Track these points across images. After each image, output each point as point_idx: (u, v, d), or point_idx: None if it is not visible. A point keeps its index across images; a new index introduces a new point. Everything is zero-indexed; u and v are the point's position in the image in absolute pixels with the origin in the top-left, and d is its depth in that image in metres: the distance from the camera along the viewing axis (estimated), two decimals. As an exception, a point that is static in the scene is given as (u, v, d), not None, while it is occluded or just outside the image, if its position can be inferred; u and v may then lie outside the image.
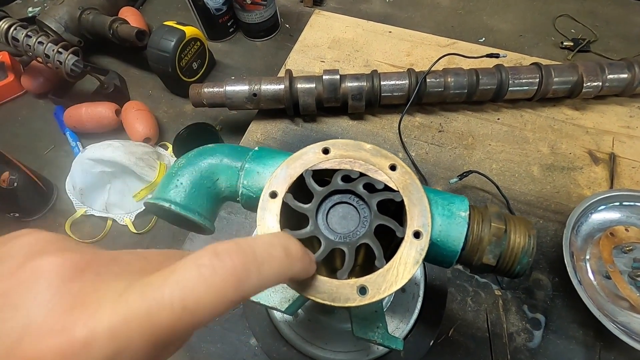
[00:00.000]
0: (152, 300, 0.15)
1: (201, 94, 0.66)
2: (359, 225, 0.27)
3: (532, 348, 0.50)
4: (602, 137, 0.66)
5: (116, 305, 0.14)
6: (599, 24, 0.84)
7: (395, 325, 0.48)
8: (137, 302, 0.14)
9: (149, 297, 0.15)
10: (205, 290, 0.15)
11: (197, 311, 0.15)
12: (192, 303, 0.15)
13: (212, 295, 0.16)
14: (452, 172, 0.64)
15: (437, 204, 0.29)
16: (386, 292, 0.24)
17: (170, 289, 0.15)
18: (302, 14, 0.91)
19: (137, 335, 0.14)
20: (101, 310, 0.14)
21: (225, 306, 0.16)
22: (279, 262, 0.19)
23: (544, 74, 0.64)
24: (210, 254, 0.17)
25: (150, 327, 0.14)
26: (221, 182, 0.32)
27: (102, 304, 0.14)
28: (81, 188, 0.64)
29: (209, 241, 0.60)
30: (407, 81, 0.65)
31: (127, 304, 0.14)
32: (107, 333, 0.14)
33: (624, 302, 0.49)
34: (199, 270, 0.16)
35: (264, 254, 0.18)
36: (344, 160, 0.29)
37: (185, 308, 0.15)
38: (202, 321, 0.16)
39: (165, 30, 0.71)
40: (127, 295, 0.15)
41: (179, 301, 0.15)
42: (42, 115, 0.80)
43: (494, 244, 0.28)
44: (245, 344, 0.52)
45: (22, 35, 0.68)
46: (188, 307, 0.15)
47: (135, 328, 0.14)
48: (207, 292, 0.16)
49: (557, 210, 0.60)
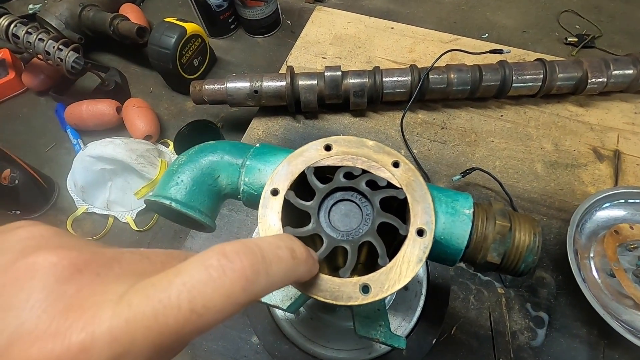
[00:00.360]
0: (157, 302, 0.14)
1: (202, 90, 0.66)
2: (362, 223, 0.26)
3: (535, 346, 0.50)
4: (607, 133, 0.66)
5: (117, 307, 0.14)
6: (603, 20, 0.83)
7: (398, 323, 0.48)
8: (142, 304, 0.14)
9: (155, 299, 0.14)
10: (213, 292, 0.15)
11: (206, 314, 0.15)
12: (201, 305, 0.14)
13: (221, 297, 0.15)
14: (455, 169, 0.63)
15: (440, 201, 0.29)
16: (389, 291, 0.24)
17: (177, 290, 0.14)
18: (303, 10, 0.91)
19: (141, 338, 0.13)
20: (101, 312, 0.13)
21: (233, 309, 0.15)
22: (285, 263, 0.18)
23: (548, 70, 0.64)
24: (218, 254, 0.16)
25: (156, 330, 0.14)
26: (222, 179, 0.32)
27: (102, 306, 0.14)
28: (82, 185, 0.64)
29: (210, 239, 0.59)
30: (410, 78, 0.65)
31: (129, 306, 0.14)
32: (107, 337, 0.13)
33: (629, 300, 0.49)
34: (208, 272, 0.15)
35: (272, 256, 0.18)
36: (346, 157, 0.28)
37: (193, 310, 0.14)
38: (210, 324, 0.15)
39: (166, 27, 0.70)
40: (130, 297, 0.14)
41: (186, 303, 0.14)
42: (43, 112, 0.80)
43: (498, 242, 0.28)
44: (246, 341, 0.52)
45: (22, 32, 0.68)
46: (196, 310, 0.14)
47: (139, 331, 0.13)
48: (216, 294, 0.15)
49: (561, 208, 0.59)
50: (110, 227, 0.65)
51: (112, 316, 0.13)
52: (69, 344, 0.13)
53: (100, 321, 0.13)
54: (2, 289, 0.14)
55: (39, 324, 0.13)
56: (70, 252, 0.15)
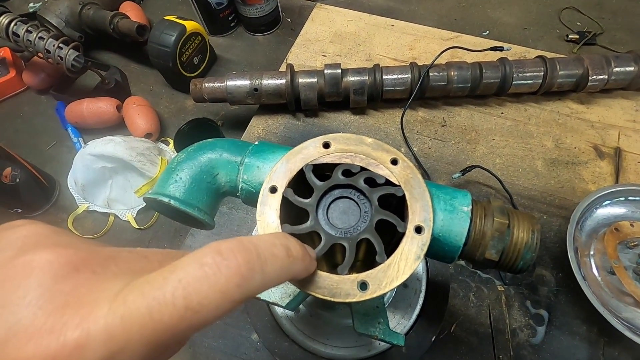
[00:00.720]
0: (153, 300, 0.14)
1: (202, 89, 0.66)
2: (360, 220, 0.26)
3: (535, 344, 0.50)
4: (608, 131, 0.65)
5: (113, 304, 0.14)
6: (605, 16, 0.82)
7: (397, 321, 0.48)
8: (137, 302, 0.14)
9: (150, 296, 0.14)
10: (209, 289, 0.15)
11: (201, 311, 0.15)
12: (196, 302, 0.15)
13: (216, 294, 0.15)
14: (455, 167, 0.63)
15: (439, 198, 0.29)
16: (387, 288, 0.24)
17: (172, 288, 0.14)
18: (303, 8, 0.90)
19: (136, 335, 0.13)
20: (96, 310, 0.13)
21: (229, 306, 0.16)
22: (281, 261, 0.19)
23: (549, 67, 0.63)
24: (213, 252, 0.16)
25: (151, 327, 0.14)
26: (221, 176, 0.32)
27: (98, 304, 0.14)
28: (83, 184, 0.64)
29: (211, 237, 0.59)
30: (410, 75, 0.65)
31: (125, 303, 0.14)
32: (103, 334, 0.13)
33: (629, 297, 0.49)
34: (203, 269, 0.15)
35: (267, 253, 0.18)
36: (344, 154, 0.28)
37: (189, 307, 0.14)
38: (206, 321, 0.15)
39: (166, 25, 0.70)
40: (125, 295, 0.14)
41: (181, 300, 0.14)
42: (43, 111, 0.80)
43: (496, 239, 0.28)
44: (246, 339, 0.52)
45: (22, 30, 0.68)
46: (191, 307, 0.14)
47: (134, 328, 0.13)
48: (211, 291, 0.15)
49: (561, 206, 0.59)
50: (111, 226, 0.66)
51: (107, 314, 0.13)
52: (64, 341, 0.13)
53: (95, 319, 0.13)
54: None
55: (34, 321, 0.13)
56: (67, 251, 0.15)
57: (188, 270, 0.15)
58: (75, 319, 0.13)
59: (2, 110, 0.81)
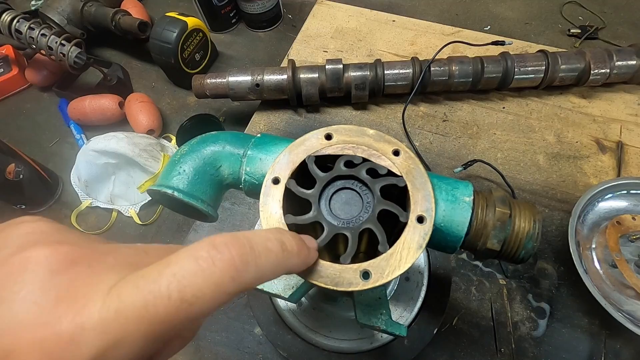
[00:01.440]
0: (148, 293, 0.14)
1: (204, 85, 0.66)
2: (362, 211, 0.27)
3: (536, 337, 0.50)
4: (610, 125, 0.65)
5: (107, 298, 0.14)
6: (607, 11, 0.82)
7: (399, 314, 0.48)
8: (132, 295, 0.14)
9: (145, 289, 0.14)
10: (203, 282, 0.15)
11: (196, 303, 0.15)
12: (190, 295, 0.15)
13: (210, 286, 0.15)
14: (457, 161, 0.63)
15: (441, 189, 0.29)
16: (389, 277, 0.24)
17: (167, 281, 0.15)
18: (304, 4, 0.90)
19: (132, 328, 0.14)
20: (91, 303, 0.14)
21: (223, 298, 0.16)
22: (275, 255, 0.19)
23: (551, 61, 0.63)
24: (207, 245, 0.16)
25: (147, 319, 0.14)
26: (224, 169, 0.32)
27: (92, 297, 0.14)
28: (86, 180, 0.65)
29: (213, 232, 0.60)
30: (411, 70, 0.65)
31: (119, 297, 0.14)
32: (97, 327, 0.13)
33: (630, 290, 0.49)
34: (197, 262, 0.16)
35: (261, 247, 0.18)
36: (346, 145, 0.28)
37: (183, 300, 0.15)
38: (201, 313, 0.15)
39: (167, 22, 0.70)
40: (120, 288, 0.14)
41: (176, 293, 0.14)
42: (46, 108, 0.80)
43: (498, 229, 0.28)
44: (249, 332, 0.52)
45: (25, 27, 0.68)
46: (186, 299, 0.15)
47: (130, 322, 0.14)
48: (205, 284, 0.15)
49: (563, 199, 0.59)
50: (114, 221, 0.66)
51: (101, 307, 0.14)
52: (58, 335, 0.13)
53: (90, 312, 0.13)
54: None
55: (29, 315, 0.13)
56: (65, 246, 0.16)
57: (183, 263, 0.15)
58: (69, 313, 0.13)
59: (6, 108, 0.81)
